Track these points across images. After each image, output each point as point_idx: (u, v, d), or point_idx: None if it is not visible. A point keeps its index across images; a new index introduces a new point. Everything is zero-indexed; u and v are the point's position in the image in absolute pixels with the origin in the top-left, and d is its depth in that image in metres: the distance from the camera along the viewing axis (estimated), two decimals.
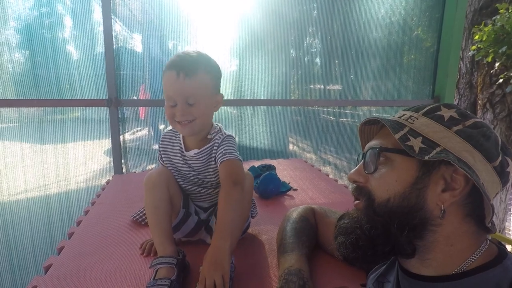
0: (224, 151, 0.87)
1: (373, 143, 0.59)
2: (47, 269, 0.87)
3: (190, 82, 0.80)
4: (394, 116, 0.58)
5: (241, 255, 0.93)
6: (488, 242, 0.53)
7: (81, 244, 1.00)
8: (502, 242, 0.56)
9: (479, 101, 2.86)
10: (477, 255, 0.51)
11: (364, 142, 0.65)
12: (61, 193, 1.99)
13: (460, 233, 0.52)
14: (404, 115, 0.57)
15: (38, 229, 1.93)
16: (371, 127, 0.63)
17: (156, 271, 0.76)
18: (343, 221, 0.66)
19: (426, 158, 0.50)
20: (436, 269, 0.53)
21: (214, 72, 0.87)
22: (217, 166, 0.89)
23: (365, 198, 0.59)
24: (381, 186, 0.56)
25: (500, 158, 0.51)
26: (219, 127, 0.93)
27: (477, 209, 0.51)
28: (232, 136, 0.92)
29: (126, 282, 0.81)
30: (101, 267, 0.87)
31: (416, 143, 0.51)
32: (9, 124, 1.89)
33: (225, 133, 0.92)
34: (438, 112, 0.54)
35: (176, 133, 0.95)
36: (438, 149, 0.50)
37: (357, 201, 0.61)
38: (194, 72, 0.80)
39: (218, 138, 0.90)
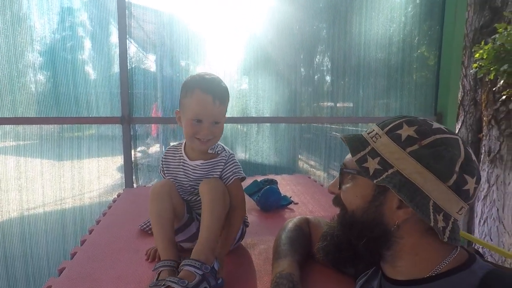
0: (234, 170, 1.00)
1: (346, 158, 0.66)
2: (61, 271, 0.95)
3: (221, 108, 0.92)
4: (366, 131, 0.63)
5: (240, 263, 0.99)
6: (459, 249, 0.57)
7: (93, 250, 1.08)
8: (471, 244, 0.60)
9: (484, 118, 2.87)
10: (447, 261, 0.55)
11: None
12: (76, 206, 2.10)
13: (423, 244, 0.56)
14: (372, 131, 0.61)
15: (53, 239, 2.04)
16: None
17: (159, 273, 0.82)
18: (325, 229, 0.75)
19: (375, 181, 0.55)
20: (406, 275, 0.58)
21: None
22: (220, 178, 1.00)
23: (340, 208, 0.66)
24: (346, 200, 0.63)
25: (454, 178, 0.52)
26: (221, 145, 1.03)
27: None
28: (234, 155, 1.04)
29: (132, 284, 0.88)
30: (110, 270, 0.95)
31: (372, 165, 0.56)
32: (31, 141, 2.03)
33: (228, 151, 1.03)
34: (398, 131, 0.57)
35: (178, 148, 1.04)
36: (390, 171, 0.55)
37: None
38: (226, 100, 0.93)
39: (225, 156, 1.00)
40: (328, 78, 2.56)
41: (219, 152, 1.01)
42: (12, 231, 1.99)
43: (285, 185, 1.91)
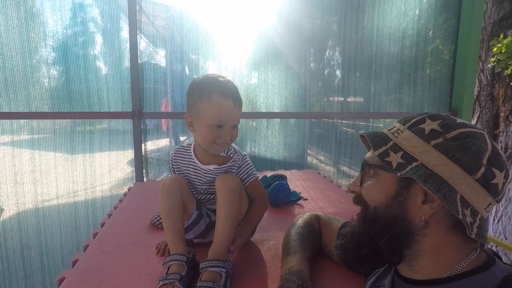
0: (249, 172, 1.00)
1: (366, 155, 0.64)
2: (74, 263, 0.97)
3: (239, 112, 0.93)
4: (387, 128, 0.62)
5: (249, 258, 1.00)
6: (478, 249, 0.56)
7: (104, 243, 1.10)
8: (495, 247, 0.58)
9: (501, 114, 2.78)
10: (466, 262, 0.53)
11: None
12: (88, 199, 2.14)
13: (446, 243, 0.54)
14: (394, 127, 0.60)
15: (66, 231, 2.09)
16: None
17: (168, 267, 0.83)
18: (344, 228, 0.74)
19: (398, 174, 0.53)
20: (424, 275, 0.57)
21: None
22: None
23: (361, 206, 0.65)
24: (368, 197, 0.61)
25: (482, 170, 0.50)
26: (233, 147, 1.01)
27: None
28: (247, 155, 1.04)
29: (142, 277, 0.89)
30: (122, 263, 0.96)
31: (395, 159, 0.55)
32: (45, 135, 2.07)
33: (240, 153, 1.01)
34: (421, 125, 0.56)
35: (187, 150, 1.02)
36: (414, 164, 0.53)
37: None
38: (241, 103, 0.93)
39: (238, 159, 0.99)
40: (338, 72, 2.52)
41: (231, 155, 0.99)
42: (27, 223, 2.04)
43: (295, 181, 1.90)
